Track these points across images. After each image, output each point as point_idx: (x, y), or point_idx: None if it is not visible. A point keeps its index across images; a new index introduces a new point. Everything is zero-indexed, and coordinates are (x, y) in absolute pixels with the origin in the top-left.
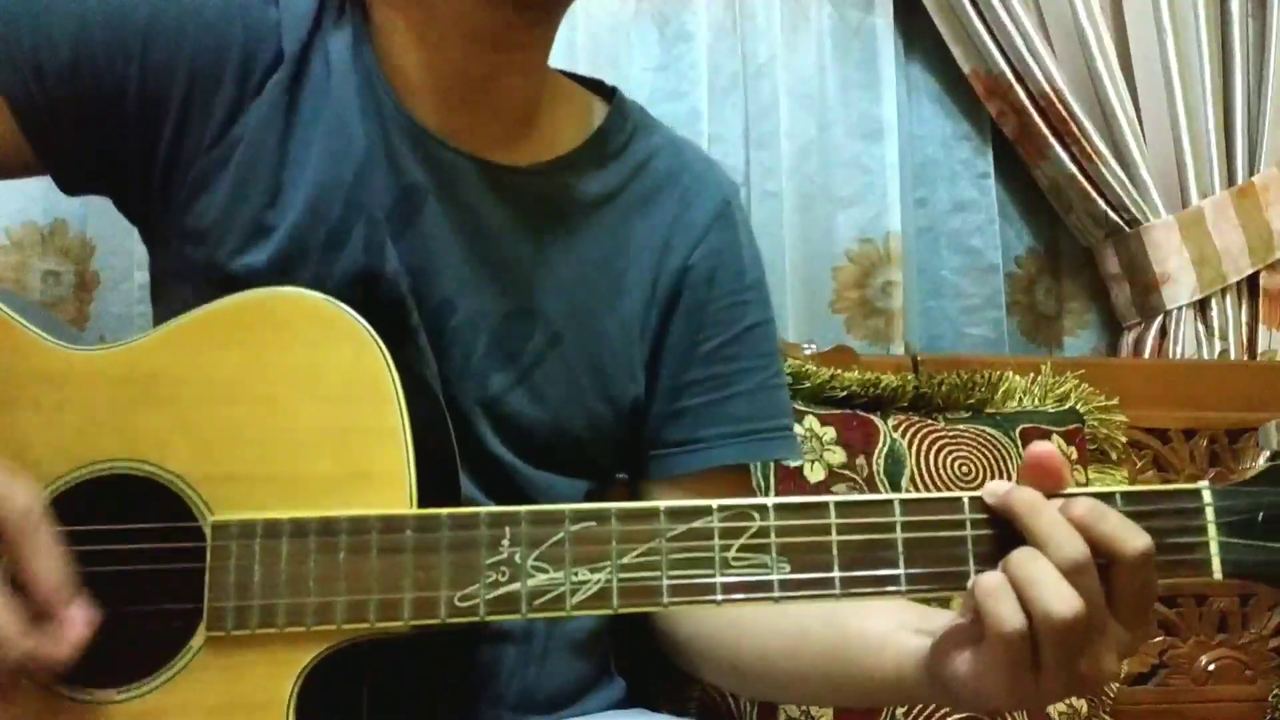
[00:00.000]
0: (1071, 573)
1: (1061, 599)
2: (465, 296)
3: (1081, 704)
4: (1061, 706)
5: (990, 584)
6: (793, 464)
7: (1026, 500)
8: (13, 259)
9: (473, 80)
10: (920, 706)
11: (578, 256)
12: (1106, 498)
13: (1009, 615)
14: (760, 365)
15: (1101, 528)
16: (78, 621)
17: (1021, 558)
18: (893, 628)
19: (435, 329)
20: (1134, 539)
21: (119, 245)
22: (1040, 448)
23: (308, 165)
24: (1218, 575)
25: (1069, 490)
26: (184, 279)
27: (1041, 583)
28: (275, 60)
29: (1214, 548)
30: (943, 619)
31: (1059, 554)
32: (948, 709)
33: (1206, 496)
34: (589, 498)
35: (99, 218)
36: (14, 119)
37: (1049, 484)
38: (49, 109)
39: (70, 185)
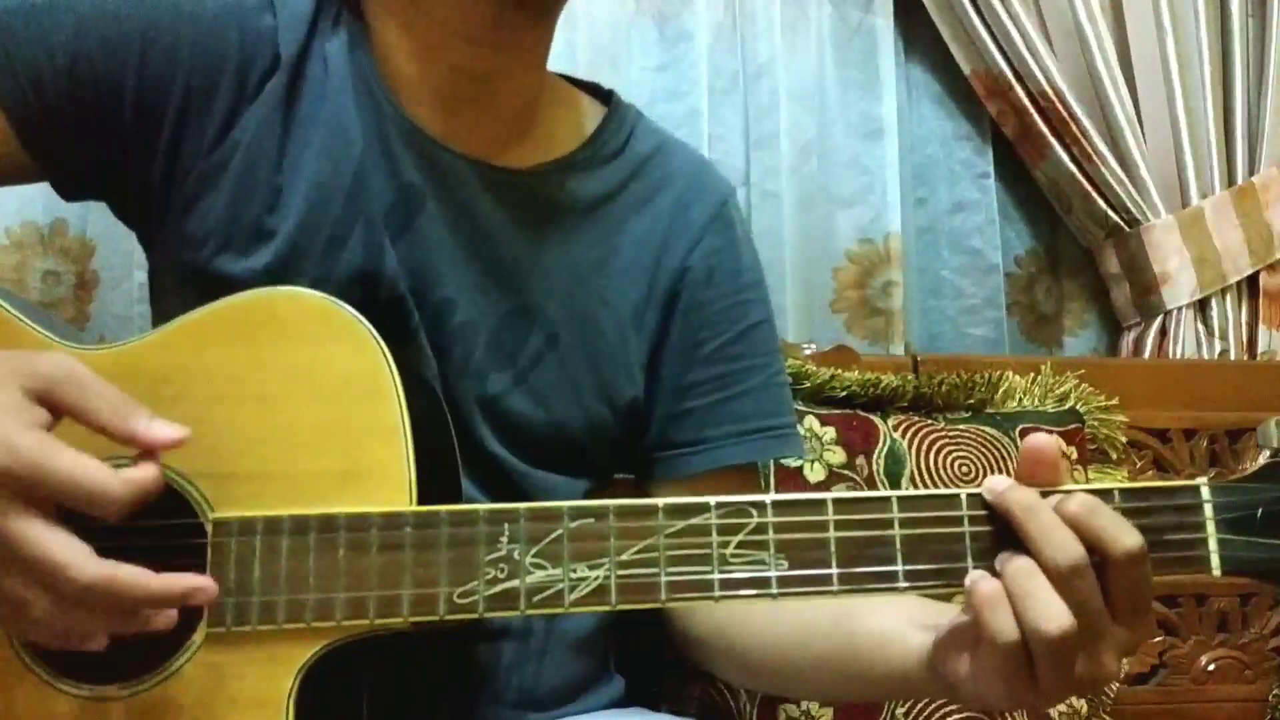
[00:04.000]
0: (1067, 576)
1: (1050, 617)
2: (464, 297)
3: (1081, 704)
4: (1062, 706)
5: (986, 593)
6: (795, 462)
7: (1023, 501)
8: (13, 259)
9: (470, 82)
10: (920, 706)
11: (575, 257)
12: (1105, 494)
13: (1005, 627)
14: (762, 364)
15: (1093, 522)
16: (166, 431)
17: (1017, 571)
18: (898, 624)
19: (435, 329)
20: (1125, 538)
21: (119, 245)
22: (1038, 440)
23: (306, 168)
24: (1216, 572)
25: (1067, 486)
26: (184, 282)
27: (1035, 597)
28: (272, 65)
29: (1212, 544)
30: (950, 614)
31: (1053, 558)
32: (948, 709)
33: (1205, 493)
34: (588, 497)
35: (99, 218)
36: (11, 127)
37: (1046, 475)
38: (46, 117)
39: (68, 191)
